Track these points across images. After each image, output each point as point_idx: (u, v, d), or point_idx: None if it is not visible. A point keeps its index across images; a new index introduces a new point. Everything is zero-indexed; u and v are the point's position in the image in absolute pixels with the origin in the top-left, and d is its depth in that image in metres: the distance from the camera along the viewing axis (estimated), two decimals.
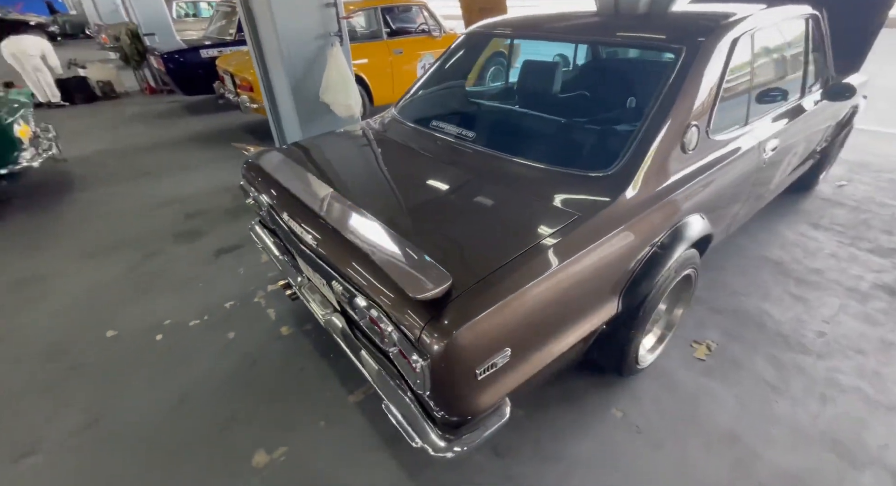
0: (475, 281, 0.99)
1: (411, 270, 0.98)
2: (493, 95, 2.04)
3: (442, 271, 0.97)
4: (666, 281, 1.40)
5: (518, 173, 1.40)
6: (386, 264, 1.01)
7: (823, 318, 1.98)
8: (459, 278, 0.99)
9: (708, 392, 1.65)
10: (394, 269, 0.99)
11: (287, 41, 2.38)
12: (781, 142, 1.87)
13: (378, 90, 4.52)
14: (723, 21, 1.52)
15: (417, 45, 4.75)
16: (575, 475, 1.38)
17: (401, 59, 4.62)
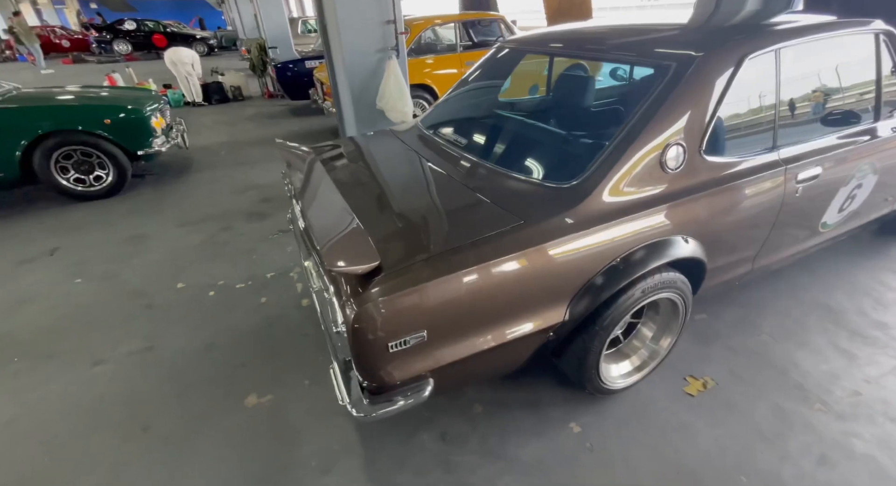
0: (402, 265, 1.13)
1: (346, 248, 1.15)
2: (488, 107, 2.12)
3: (373, 252, 1.12)
4: (629, 300, 1.38)
5: (491, 179, 1.49)
6: (328, 242, 1.19)
7: (866, 377, 1.71)
8: (392, 260, 1.13)
9: (685, 428, 1.54)
10: (332, 246, 1.16)
11: (350, 53, 2.72)
12: (831, 173, 1.68)
13: None
14: (729, 38, 1.45)
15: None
16: (508, 474, 1.42)
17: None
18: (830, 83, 1.75)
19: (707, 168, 1.44)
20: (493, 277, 1.16)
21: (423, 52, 4.61)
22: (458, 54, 4.74)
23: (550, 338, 1.37)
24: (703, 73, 1.38)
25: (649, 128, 1.34)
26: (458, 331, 1.20)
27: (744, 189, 1.51)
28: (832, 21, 1.69)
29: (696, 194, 1.42)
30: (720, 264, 1.63)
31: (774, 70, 1.53)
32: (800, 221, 1.78)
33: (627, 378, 1.64)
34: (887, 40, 1.79)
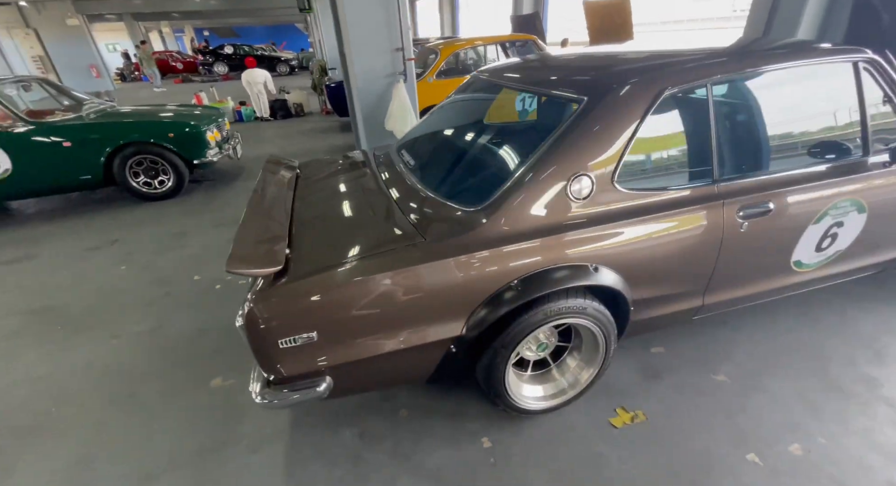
0: (300, 272, 1.29)
1: (254, 253, 1.34)
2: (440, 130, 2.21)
3: (278, 259, 1.30)
4: (527, 321, 1.42)
5: (419, 199, 1.61)
6: (241, 246, 1.38)
7: (825, 434, 1.55)
8: (300, 267, 1.31)
9: (595, 459, 1.53)
10: (241, 251, 1.35)
11: (361, 77, 2.99)
12: (791, 209, 1.58)
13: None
14: (649, 73, 1.46)
15: None
16: (407, 476, 1.50)
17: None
18: (791, 115, 1.66)
19: (620, 199, 1.45)
20: (382, 288, 1.29)
21: (451, 74, 4.83)
22: None
23: (452, 351, 1.45)
24: (611, 107, 1.41)
25: (554, 159, 1.39)
26: (351, 335, 1.33)
27: (667, 221, 1.48)
28: (789, 52, 1.61)
29: (607, 224, 1.43)
30: (651, 296, 1.60)
31: (707, 103, 1.50)
32: (759, 258, 1.68)
33: (541, 402, 1.65)
34: (871, 69, 1.65)
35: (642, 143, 1.48)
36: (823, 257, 1.79)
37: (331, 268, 1.30)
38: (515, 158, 1.56)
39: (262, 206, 1.72)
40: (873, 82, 1.67)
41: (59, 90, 4.66)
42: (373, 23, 2.75)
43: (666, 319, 1.75)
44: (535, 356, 1.68)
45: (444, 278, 1.33)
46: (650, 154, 1.51)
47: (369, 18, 2.74)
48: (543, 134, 1.49)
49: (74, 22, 15.79)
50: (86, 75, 16.09)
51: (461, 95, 2.20)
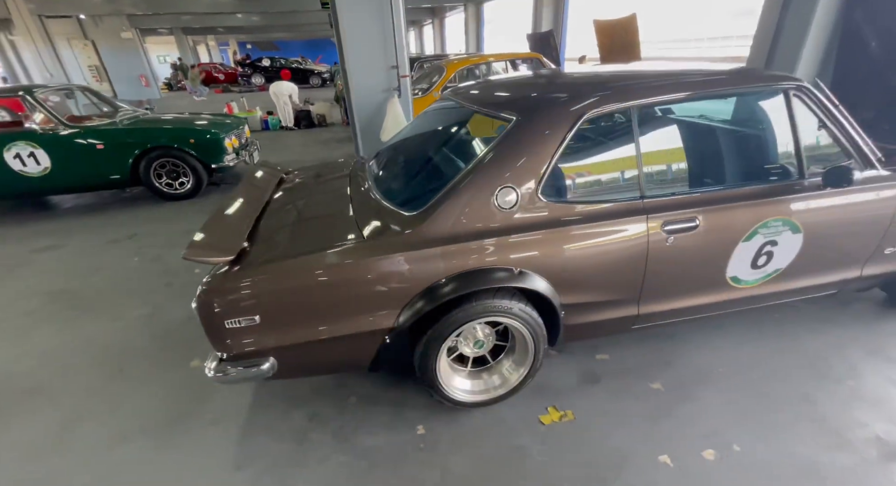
0: (250, 263, 1.49)
1: (212, 243, 1.54)
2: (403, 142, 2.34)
3: (233, 250, 1.49)
4: (454, 317, 1.56)
5: (372, 204, 1.78)
6: (203, 237, 1.59)
7: (743, 443, 1.60)
8: (252, 259, 1.50)
9: (516, 451, 1.63)
10: (201, 240, 1.56)
11: (358, 92, 3.23)
12: (717, 226, 1.67)
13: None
14: (574, 97, 1.60)
15: None
16: (343, 455, 1.65)
17: None
18: (721, 138, 1.75)
19: (546, 209, 1.58)
20: (316, 280, 1.46)
21: None
22: None
23: (387, 341, 1.60)
24: (535, 127, 1.55)
25: (483, 171, 1.54)
26: (290, 321, 1.50)
27: (593, 232, 1.59)
28: (719, 80, 1.71)
29: (531, 232, 1.56)
30: (581, 301, 1.70)
31: (632, 125, 1.62)
32: (691, 272, 1.76)
33: (472, 395, 1.77)
34: (801, 97, 1.72)
35: (568, 158, 1.61)
36: (762, 274, 1.85)
37: (273, 260, 1.48)
38: (454, 169, 1.72)
39: (235, 204, 1.94)
40: (806, 109, 1.74)
41: (100, 98, 5.15)
42: (370, 41, 3.00)
43: (602, 326, 1.84)
44: (473, 353, 1.80)
45: (374, 275, 1.49)
46: (577, 170, 1.64)
47: (366, 37, 2.98)
48: (482, 149, 1.64)
49: (128, 35, 17.08)
50: (136, 84, 17.35)
51: (430, 111, 2.38)
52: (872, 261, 1.96)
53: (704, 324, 2.25)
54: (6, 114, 5.07)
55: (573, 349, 2.13)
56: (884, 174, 1.80)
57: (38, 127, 4.21)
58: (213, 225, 1.71)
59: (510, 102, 1.71)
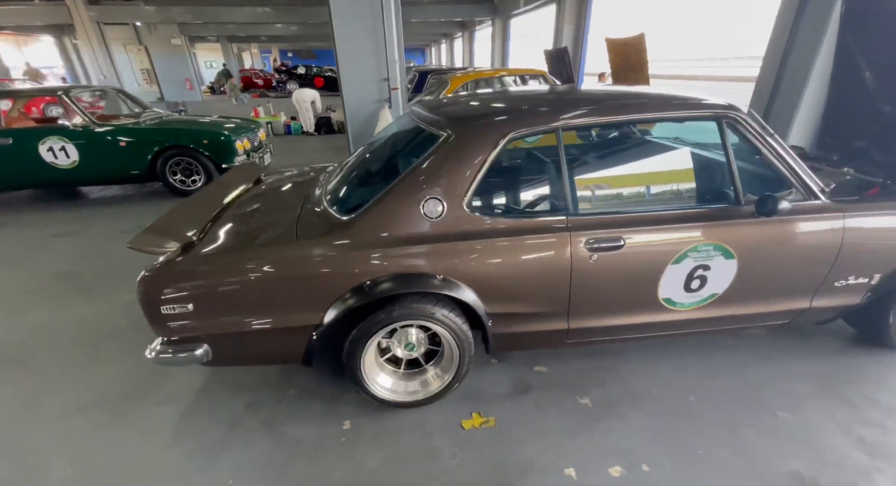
0: (194, 255, 1.62)
1: (160, 235, 1.68)
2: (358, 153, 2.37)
3: (176, 244, 1.63)
4: (377, 318, 1.64)
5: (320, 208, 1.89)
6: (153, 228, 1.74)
7: (654, 463, 1.60)
8: (194, 252, 1.64)
9: (430, 452, 1.68)
10: (149, 232, 1.71)
11: (351, 103, 3.39)
12: (643, 247, 1.69)
13: None
14: (503, 117, 1.67)
15: None
16: (266, 442, 1.74)
17: None
18: (652, 162, 1.77)
19: (470, 221, 1.64)
20: (244, 275, 1.58)
21: None
22: None
23: (314, 338, 1.70)
24: (463, 144, 1.63)
25: (410, 181, 1.64)
26: (221, 311, 1.62)
27: (516, 245, 1.65)
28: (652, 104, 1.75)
29: (457, 242, 1.63)
30: (508, 311, 1.75)
31: (559, 146, 1.67)
32: (620, 290, 1.77)
33: (395, 395, 1.83)
34: (733, 124, 1.73)
35: (495, 175, 1.68)
36: (697, 298, 1.84)
37: (208, 254, 1.62)
38: (391, 179, 1.81)
39: (199, 200, 2.10)
40: (741, 137, 1.74)
41: (131, 99, 5.57)
42: (362, 55, 3.17)
43: (534, 337, 1.88)
44: (405, 355, 1.88)
45: (301, 273, 1.59)
46: (504, 185, 1.70)
47: (359, 52, 3.15)
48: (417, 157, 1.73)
49: (178, 42, 18.27)
50: (181, 87, 18.50)
51: (392, 123, 2.49)
52: (822, 293, 1.91)
53: (652, 346, 2.23)
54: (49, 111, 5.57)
55: (513, 359, 2.17)
56: (827, 205, 1.77)
57: (70, 124, 4.61)
58: (168, 218, 1.87)
59: (446, 119, 1.80)
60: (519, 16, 13.98)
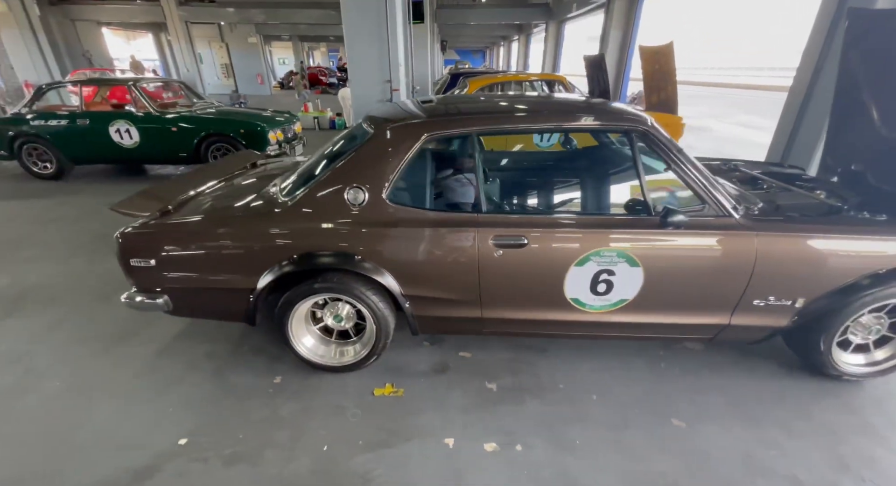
0: (161, 221, 1.97)
1: (144, 201, 2.04)
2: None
3: (154, 210, 1.99)
4: (301, 289, 1.89)
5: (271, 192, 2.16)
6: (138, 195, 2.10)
7: (526, 445, 1.71)
8: (163, 218, 1.99)
9: (336, 409, 1.90)
10: (133, 197, 2.07)
11: (357, 102, 3.67)
12: (547, 248, 1.80)
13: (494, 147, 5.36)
14: (420, 121, 1.85)
15: None
16: (210, 385, 2.06)
17: None
18: (564, 168, 1.86)
19: (389, 211, 1.84)
20: (199, 242, 1.90)
21: None
22: None
23: (251, 300, 1.98)
24: (382, 141, 1.84)
25: (337, 171, 1.88)
26: (175, 268, 1.95)
27: (429, 235, 1.82)
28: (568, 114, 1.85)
29: (374, 227, 1.84)
30: (424, 295, 1.92)
31: (475, 149, 1.82)
32: (526, 285, 1.88)
33: (315, 357, 2.07)
34: (643, 138, 1.79)
35: (414, 170, 1.87)
36: (607, 301, 1.90)
37: (169, 220, 1.95)
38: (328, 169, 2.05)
39: (191, 177, 2.48)
40: (650, 150, 1.79)
41: (188, 90, 6.31)
42: (368, 59, 3.44)
43: (452, 323, 2.04)
44: (334, 325, 2.11)
45: (240, 243, 1.88)
46: (421, 181, 1.88)
47: (365, 55, 3.43)
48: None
49: (254, 40, 19.87)
50: (253, 82, 20.13)
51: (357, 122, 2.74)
52: (742, 311, 1.89)
53: (579, 346, 2.30)
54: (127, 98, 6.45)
55: (444, 344, 2.33)
56: (738, 223, 1.77)
57: (135, 110, 5.36)
58: (155, 189, 2.25)
59: (378, 119, 2.01)
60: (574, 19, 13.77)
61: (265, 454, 1.68)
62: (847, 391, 2.00)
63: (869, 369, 2.01)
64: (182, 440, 1.74)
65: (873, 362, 2.00)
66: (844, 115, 2.88)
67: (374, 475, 1.59)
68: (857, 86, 2.70)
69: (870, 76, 2.50)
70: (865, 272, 1.78)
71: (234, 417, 1.87)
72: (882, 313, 1.93)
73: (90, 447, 1.71)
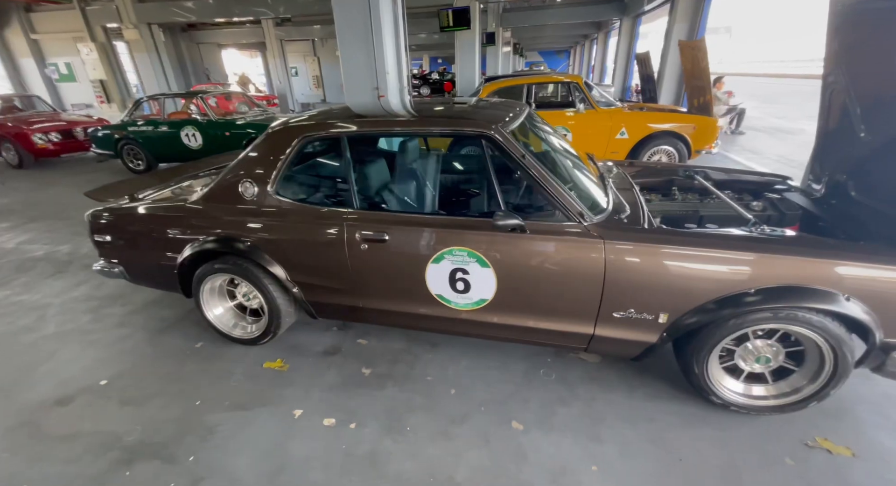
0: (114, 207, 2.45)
1: (117, 189, 2.54)
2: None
3: (121, 196, 2.48)
4: (208, 268, 2.22)
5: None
6: (118, 183, 2.61)
7: (361, 424, 1.83)
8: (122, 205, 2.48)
9: (224, 372, 2.20)
10: (108, 185, 2.58)
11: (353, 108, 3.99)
12: (404, 244, 1.91)
13: None
14: (297, 123, 2.06)
15: (551, 119, 5.16)
16: (143, 336, 2.49)
17: None
18: (426, 170, 1.93)
19: (274, 203, 2.09)
20: (137, 224, 2.33)
21: None
22: None
23: (177, 274, 2.36)
24: (267, 141, 2.09)
25: (232, 167, 2.17)
26: (122, 245, 2.41)
27: (307, 227, 2.03)
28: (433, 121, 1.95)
29: (261, 217, 2.10)
30: (307, 282, 2.14)
31: (344, 150, 1.99)
32: (392, 278, 2.00)
33: (222, 325, 2.38)
34: (488, 144, 1.81)
35: (296, 168, 2.09)
36: (468, 300, 1.93)
37: (125, 206, 2.41)
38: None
39: (172, 171, 2.98)
40: (499, 156, 1.80)
41: (248, 99, 7.24)
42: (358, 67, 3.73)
43: (339, 310, 2.22)
44: (245, 302, 2.42)
45: (163, 226, 2.27)
46: (304, 177, 2.10)
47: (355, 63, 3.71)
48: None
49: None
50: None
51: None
52: (604, 322, 1.80)
53: (469, 345, 2.32)
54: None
55: (350, 330, 2.51)
56: (584, 230, 1.71)
57: (199, 117, 6.34)
58: (132, 181, 2.76)
59: (275, 121, 2.26)
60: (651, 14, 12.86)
61: (153, 401, 2.03)
62: (735, 425, 1.78)
63: (753, 401, 1.77)
64: (103, 381, 2.17)
65: (761, 396, 1.76)
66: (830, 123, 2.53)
67: (219, 430, 1.84)
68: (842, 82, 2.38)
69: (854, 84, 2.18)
70: (730, 292, 1.60)
71: (149, 369, 2.26)
72: (772, 339, 1.70)
73: (42, 376, 2.21)
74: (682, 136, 4.99)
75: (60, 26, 13.67)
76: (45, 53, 14.87)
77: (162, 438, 1.81)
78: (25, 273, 3.41)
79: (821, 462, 1.59)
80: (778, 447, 1.66)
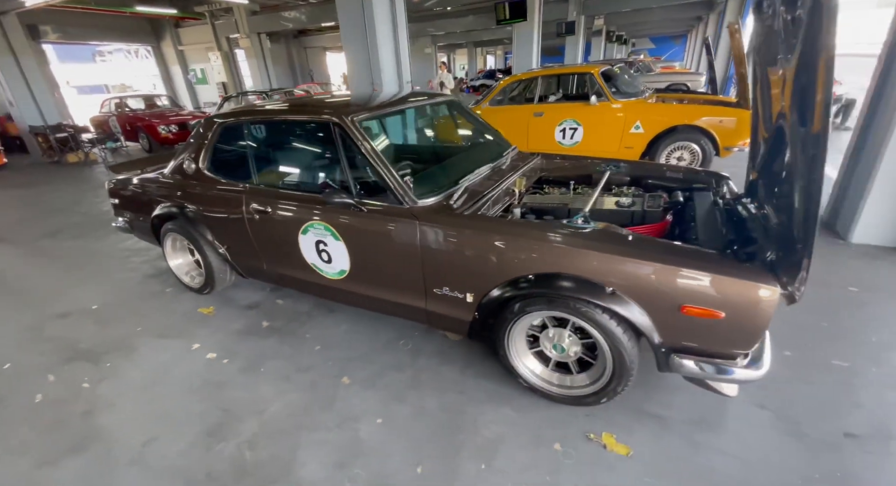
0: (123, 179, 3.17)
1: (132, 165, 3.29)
2: None
3: (137, 171, 3.22)
4: (166, 227, 2.81)
5: None
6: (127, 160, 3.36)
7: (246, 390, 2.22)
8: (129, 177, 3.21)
9: (173, 316, 2.76)
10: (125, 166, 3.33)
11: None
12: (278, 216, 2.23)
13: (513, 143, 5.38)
14: (218, 113, 2.49)
15: (562, 111, 5.03)
16: (130, 289, 3.19)
17: (540, 120, 5.16)
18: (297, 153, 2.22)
19: (205, 178, 2.58)
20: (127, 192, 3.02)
21: (505, 102, 5.44)
22: (529, 106, 5.20)
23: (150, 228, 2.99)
24: (199, 127, 2.57)
25: (182, 148, 2.70)
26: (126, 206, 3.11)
27: (222, 198, 2.48)
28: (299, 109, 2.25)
29: (196, 189, 2.61)
30: (228, 247, 2.61)
31: (248, 134, 2.38)
32: (277, 246, 2.35)
33: (184, 278, 2.95)
34: (339, 129, 2.01)
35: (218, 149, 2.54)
36: (334, 270, 2.19)
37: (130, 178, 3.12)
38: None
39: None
40: (344, 141, 2.01)
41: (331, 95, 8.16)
42: (358, 64, 4.10)
43: (257, 271, 2.65)
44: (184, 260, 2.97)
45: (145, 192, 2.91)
46: (224, 157, 2.54)
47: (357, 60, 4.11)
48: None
49: (429, 51, 22.62)
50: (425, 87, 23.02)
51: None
52: (432, 298, 1.93)
53: (359, 313, 2.57)
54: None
55: (280, 292, 2.92)
56: (403, 211, 1.86)
57: None
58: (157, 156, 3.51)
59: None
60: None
61: (113, 323, 2.67)
62: (533, 409, 1.79)
63: (553, 388, 1.76)
64: (94, 306, 2.88)
65: (559, 384, 1.75)
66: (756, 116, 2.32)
67: (139, 350, 2.39)
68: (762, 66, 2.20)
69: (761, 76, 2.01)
70: (512, 276, 1.64)
71: (126, 302, 2.93)
72: (566, 328, 1.68)
73: (54, 298, 3.01)
74: (708, 131, 4.50)
75: (198, 38, 16.51)
76: (187, 61, 18.09)
77: (103, 349, 2.41)
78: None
79: (587, 454, 1.56)
80: (556, 433, 1.65)
